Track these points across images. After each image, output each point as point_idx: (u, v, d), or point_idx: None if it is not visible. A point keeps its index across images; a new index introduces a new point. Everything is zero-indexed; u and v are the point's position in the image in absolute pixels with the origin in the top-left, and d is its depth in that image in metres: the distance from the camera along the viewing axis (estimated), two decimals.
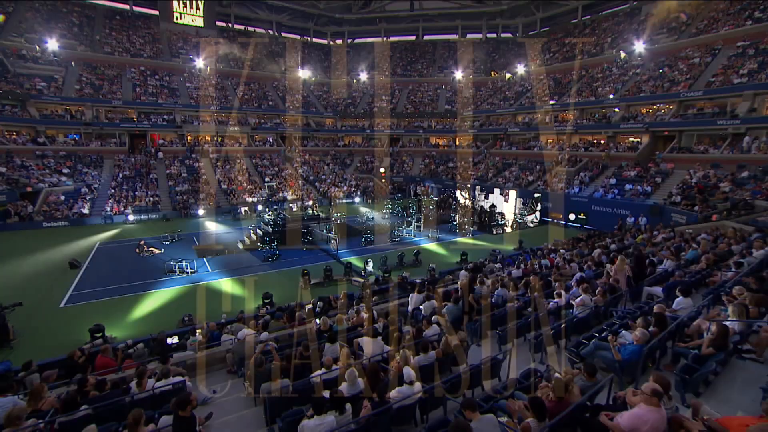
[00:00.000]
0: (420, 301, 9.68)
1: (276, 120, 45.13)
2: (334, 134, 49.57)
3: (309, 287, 13.61)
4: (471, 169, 37.97)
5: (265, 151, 40.90)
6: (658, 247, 13.87)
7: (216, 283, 14.56)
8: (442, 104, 50.99)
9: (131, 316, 12.03)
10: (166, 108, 37.76)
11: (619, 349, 5.38)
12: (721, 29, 32.23)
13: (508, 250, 18.90)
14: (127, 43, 42.04)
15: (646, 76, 32.89)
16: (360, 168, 44.19)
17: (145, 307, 12.69)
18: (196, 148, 36.90)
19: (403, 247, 19.27)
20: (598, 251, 13.93)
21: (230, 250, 18.85)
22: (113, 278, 15.04)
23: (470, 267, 14.07)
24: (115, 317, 11.83)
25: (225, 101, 42.46)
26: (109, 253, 18.57)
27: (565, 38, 50.85)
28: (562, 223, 25.20)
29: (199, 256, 17.50)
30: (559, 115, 37.09)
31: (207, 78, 44.65)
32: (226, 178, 33.51)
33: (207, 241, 20.58)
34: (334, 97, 53.90)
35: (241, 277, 15.16)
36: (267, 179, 35.27)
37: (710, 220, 16.96)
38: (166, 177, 31.73)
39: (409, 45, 64.04)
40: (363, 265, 15.39)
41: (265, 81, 49.85)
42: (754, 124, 23.90)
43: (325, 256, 17.97)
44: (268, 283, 14.54)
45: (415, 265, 16.17)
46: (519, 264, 14.18)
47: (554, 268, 11.04)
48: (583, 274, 10.22)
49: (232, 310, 11.52)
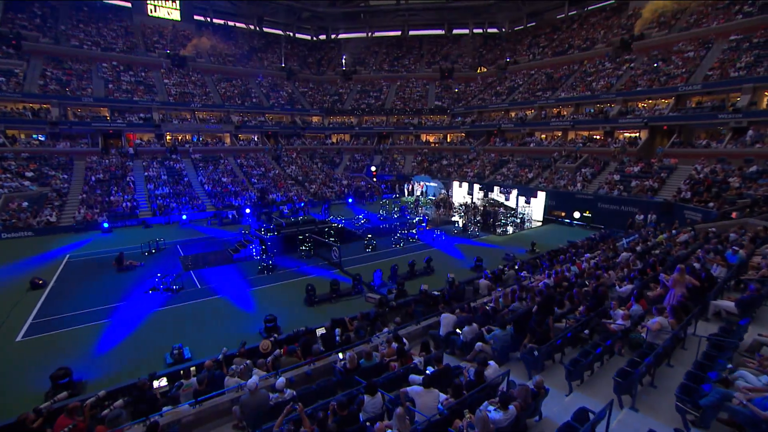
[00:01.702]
0: (454, 323, 8.36)
1: (260, 118, 43.02)
2: (322, 132, 47.76)
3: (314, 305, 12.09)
4: (466, 166, 36.92)
5: (250, 150, 38.82)
6: (688, 249, 13.01)
7: (207, 303, 12.81)
8: (432, 100, 49.86)
9: (106, 351, 9.94)
10: (142, 106, 35.22)
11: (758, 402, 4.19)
12: (712, 23, 32.13)
13: (520, 253, 17.83)
14: (97, 36, 39.12)
15: (641, 71, 32.52)
16: (350, 167, 42.61)
17: (124, 338, 10.58)
18: (179, 149, 34.55)
19: (409, 253, 17.91)
20: (627, 255, 12.98)
21: (219, 260, 17.11)
22: (85, 300, 12.86)
23: (490, 276, 12.87)
24: (86, 352, 9.82)
25: (206, 98, 40.10)
26: (80, 269, 16.22)
27: (553, 33, 50.54)
28: (566, 221, 24.35)
29: (186, 269, 15.69)
30: (553, 110, 36.43)
31: (186, 74, 42.16)
32: (210, 180, 31.40)
33: (194, 250, 18.68)
34: (320, 93, 52.02)
35: (236, 294, 13.40)
36: (254, 180, 33.32)
37: (729, 218, 16.27)
38: (145, 180, 29.42)
39: (395, 40, 62.73)
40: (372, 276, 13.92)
41: (248, 77, 47.58)
42: (755, 117, 23.61)
43: (326, 266, 16.42)
44: (267, 299, 12.93)
45: (427, 273, 14.85)
46: (541, 270, 13.09)
47: (595, 280, 9.90)
48: (629, 285, 9.13)
49: (230, 339, 9.93)
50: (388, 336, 7.84)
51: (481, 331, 7.64)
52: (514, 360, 7.43)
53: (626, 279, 9.80)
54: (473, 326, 7.70)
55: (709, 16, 33.51)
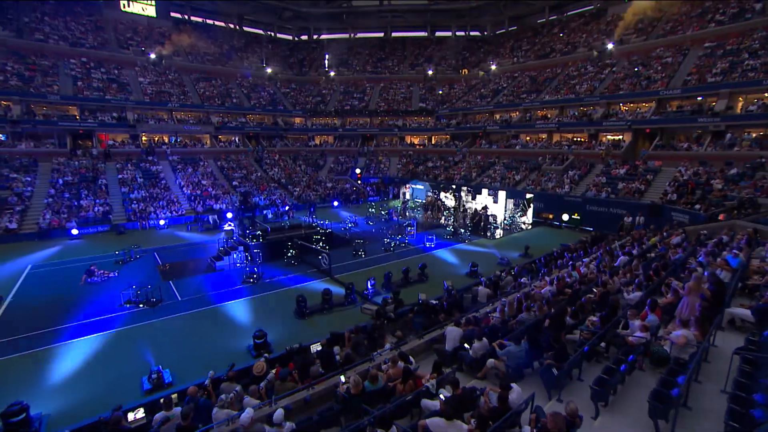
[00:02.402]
0: (461, 336, 7.82)
1: (241, 119, 41.68)
2: (305, 134, 46.75)
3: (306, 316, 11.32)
4: (453, 168, 36.73)
5: (230, 152, 37.46)
6: (685, 252, 12.94)
7: (189, 317, 11.67)
8: (416, 102, 49.60)
9: (72, 377, 8.70)
10: (115, 105, 33.41)
11: None
12: (687, 31, 33.11)
13: (513, 257, 17.54)
14: (65, 30, 37.00)
15: (623, 74, 33.15)
16: (334, 169, 41.79)
17: (94, 361, 9.38)
18: (156, 150, 32.93)
19: (401, 259, 17.34)
20: (624, 258, 12.80)
21: (201, 268, 16.08)
22: (47, 317, 11.43)
23: (487, 282, 12.44)
24: (47, 381, 8.58)
25: (184, 98, 38.52)
26: (43, 281, 14.69)
27: (535, 37, 51.25)
28: (555, 224, 24.34)
29: (165, 279, 14.59)
30: (538, 112, 36.73)
31: (163, 72, 40.42)
32: (190, 183, 30.00)
33: (172, 258, 17.52)
34: (302, 94, 50.98)
35: (219, 307, 12.50)
36: (235, 183, 32.08)
37: (717, 220, 16.45)
38: (119, 182, 27.79)
39: (378, 42, 62.35)
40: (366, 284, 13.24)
41: (228, 77, 46.13)
42: (733, 121, 24.28)
43: (315, 274, 15.62)
44: (254, 311, 12.06)
45: (422, 280, 14.30)
46: (543, 276, 12.75)
47: (601, 286, 9.57)
48: (638, 293, 8.82)
49: (215, 358, 9.08)
50: (391, 353, 7.21)
51: (492, 347, 7.12)
52: (528, 376, 6.95)
53: (633, 285, 9.51)
54: (483, 341, 7.17)
55: (684, 24, 34.53)
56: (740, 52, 27.38)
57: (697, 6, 35.89)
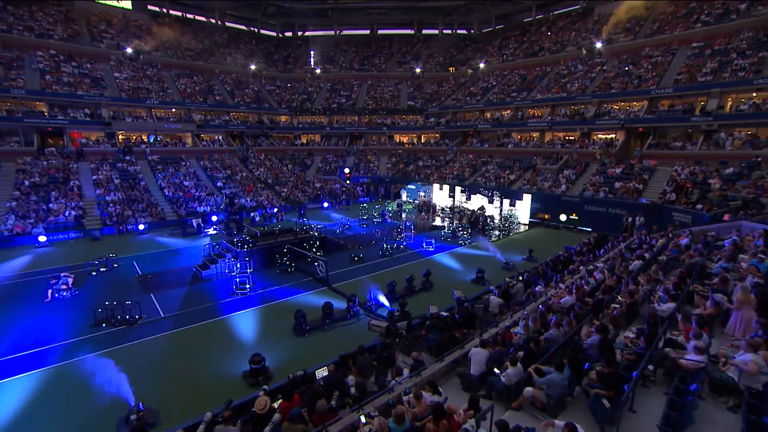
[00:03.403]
0: (487, 359, 6.98)
1: (225, 117, 39.96)
2: (291, 132, 45.29)
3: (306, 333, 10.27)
4: (444, 167, 36.05)
5: (214, 151, 35.77)
6: (699, 254, 12.46)
7: (174, 337, 10.33)
8: (404, 100, 48.79)
9: (33, 417, 7.16)
10: (88, 101, 31.31)
11: None
12: (674, 31, 33.32)
13: (517, 260, 16.87)
14: (30, 20, 34.51)
15: (613, 73, 33.11)
16: (322, 168, 40.57)
17: (55, 399, 7.77)
18: (134, 149, 31.05)
19: (401, 264, 16.42)
20: (638, 263, 12.24)
21: (185, 279, 14.78)
22: (7, 343, 9.92)
23: (497, 291, 11.68)
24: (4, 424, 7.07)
25: (164, 95, 36.60)
26: (2, 298, 12.91)
27: (523, 35, 51.11)
28: (553, 224, 23.86)
29: (145, 292, 13.25)
30: (529, 111, 36.42)
31: (141, 68, 38.32)
32: (171, 184, 28.33)
33: (154, 267, 16.10)
34: (288, 92, 49.45)
35: (208, 323, 11.12)
36: (219, 183, 30.53)
37: (722, 220, 16.16)
38: (93, 184, 25.92)
39: (364, 39, 61.28)
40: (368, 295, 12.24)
41: (211, 73, 44.23)
42: (725, 120, 24.33)
43: (310, 283, 14.50)
44: (247, 329, 10.86)
45: (426, 288, 13.41)
46: (556, 283, 12.06)
47: (626, 294, 8.88)
48: (671, 304, 8.15)
49: (207, 387, 7.97)
50: (412, 381, 6.30)
51: (528, 372, 6.30)
52: (568, 405, 6.16)
53: (660, 293, 8.85)
54: (518, 368, 6.34)
55: (671, 24, 34.77)
56: (728, 52, 27.55)
57: (682, 6, 36.24)
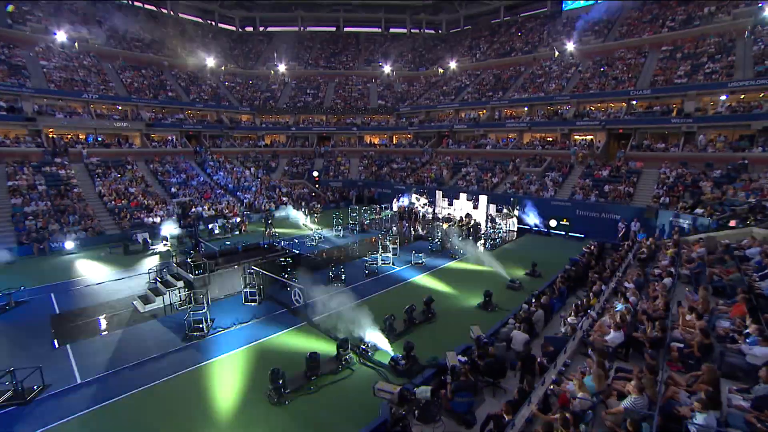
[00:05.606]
0: None
1: (179, 115, 35.88)
2: (254, 132, 41.74)
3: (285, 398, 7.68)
4: (421, 170, 34.20)
5: (166, 153, 31.73)
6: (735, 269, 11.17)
7: (97, 416, 7.22)
8: (375, 99, 46.64)
9: None
10: (6, 92, 26.48)
11: None
12: (643, 34, 33.63)
13: (519, 276, 15.08)
14: None
15: (589, 74, 32.76)
16: (289, 172, 37.49)
17: None
18: (68, 150, 26.58)
19: (391, 287, 14.07)
20: (669, 281, 10.76)
21: (120, 319, 11.62)
22: None
23: (519, 324, 9.70)
24: None
25: (106, 89, 32.08)
26: None
27: (493, 36, 50.58)
28: (542, 231, 22.50)
29: (59, 341, 9.97)
30: (506, 111, 35.44)
31: (76, 57, 33.46)
32: (113, 191, 24.33)
33: (77, 302, 12.68)
34: (250, 89, 45.77)
35: (149, 388, 8.13)
36: (173, 190, 26.79)
37: (728, 227, 15.26)
38: (8, 191, 21.52)
39: (330, 36, 58.65)
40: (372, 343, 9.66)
41: (162, 67, 39.79)
42: (704, 123, 24.20)
43: (285, 318, 11.72)
44: (204, 394, 7.99)
45: (428, 318, 11.16)
46: (584, 311, 10.26)
47: (697, 331, 7.13)
48: (765, 349, 6.45)
49: None
50: None
51: None
52: None
53: (754, 336, 7.08)
54: None
55: (638, 28, 35.10)
56: (698, 56, 27.78)
57: (647, 12, 36.83)
